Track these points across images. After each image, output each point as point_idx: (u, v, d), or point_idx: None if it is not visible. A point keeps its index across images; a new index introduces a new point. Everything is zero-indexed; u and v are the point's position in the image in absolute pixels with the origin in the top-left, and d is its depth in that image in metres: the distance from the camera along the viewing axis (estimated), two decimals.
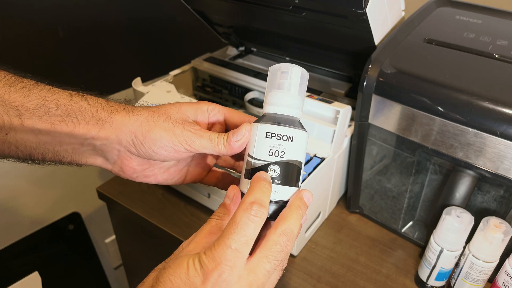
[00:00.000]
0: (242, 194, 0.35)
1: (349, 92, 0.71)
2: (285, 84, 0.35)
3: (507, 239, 0.46)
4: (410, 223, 0.62)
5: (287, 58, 0.82)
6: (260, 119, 0.36)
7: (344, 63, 0.73)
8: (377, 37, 0.58)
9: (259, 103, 0.77)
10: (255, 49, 0.86)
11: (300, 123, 0.36)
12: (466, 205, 0.51)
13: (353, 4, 0.51)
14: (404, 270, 0.58)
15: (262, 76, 0.75)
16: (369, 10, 0.52)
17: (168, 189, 0.71)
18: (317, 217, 0.63)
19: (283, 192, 0.34)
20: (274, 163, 0.34)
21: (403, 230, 0.62)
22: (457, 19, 0.60)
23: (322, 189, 0.60)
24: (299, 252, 0.60)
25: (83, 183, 0.99)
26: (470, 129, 0.47)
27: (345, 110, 0.55)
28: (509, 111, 0.44)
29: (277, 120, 0.35)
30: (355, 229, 0.65)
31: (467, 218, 0.49)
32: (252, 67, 0.79)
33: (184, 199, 0.69)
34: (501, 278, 0.48)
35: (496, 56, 0.51)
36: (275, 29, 0.72)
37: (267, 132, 0.34)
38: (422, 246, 0.61)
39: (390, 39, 0.56)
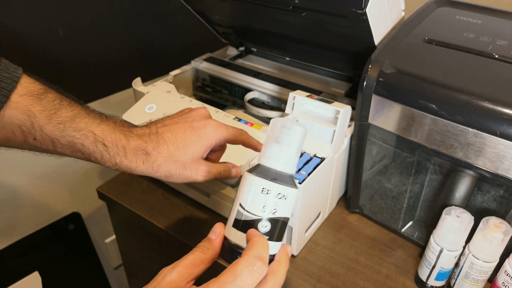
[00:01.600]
0: (226, 239, 0.36)
1: (349, 92, 0.71)
2: (286, 140, 0.36)
3: (507, 239, 0.46)
4: (410, 223, 0.63)
5: (287, 58, 0.82)
6: (255, 170, 0.36)
7: (344, 63, 0.73)
8: (377, 37, 0.58)
9: (259, 103, 0.77)
10: (255, 49, 0.86)
11: (292, 178, 0.37)
12: (466, 205, 0.51)
13: (353, 4, 0.51)
14: (404, 270, 0.58)
15: (262, 76, 0.75)
16: (369, 10, 0.52)
17: (168, 189, 0.71)
18: (317, 217, 0.63)
19: (271, 248, 0.35)
20: (267, 219, 0.35)
21: (403, 230, 0.62)
22: (457, 19, 0.60)
23: (322, 189, 0.60)
24: (299, 252, 0.60)
25: (83, 183, 0.99)
26: (470, 129, 0.47)
27: (345, 110, 0.55)
28: (509, 111, 0.44)
29: (273, 176, 0.35)
30: (355, 229, 0.65)
31: (467, 218, 0.49)
32: (252, 67, 0.80)
33: (184, 199, 0.69)
34: (501, 278, 0.48)
35: (496, 56, 0.51)
36: (275, 29, 0.72)
37: (263, 188, 0.34)
38: (422, 246, 0.61)
39: (390, 39, 0.56)
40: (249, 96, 0.76)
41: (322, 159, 0.56)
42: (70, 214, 0.99)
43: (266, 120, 0.67)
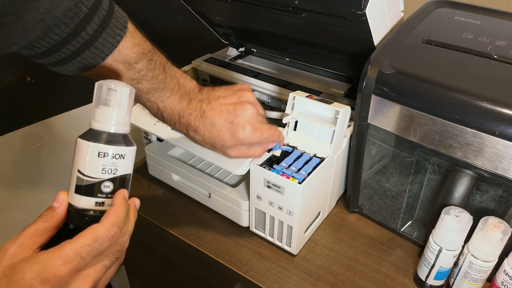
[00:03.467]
0: (70, 205, 0.36)
1: (349, 92, 0.71)
2: (114, 102, 0.36)
3: (506, 238, 0.47)
4: (409, 222, 0.63)
5: (287, 59, 0.82)
6: (88, 135, 0.36)
7: (343, 63, 0.73)
8: (376, 38, 0.58)
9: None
10: (255, 50, 0.87)
11: (128, 137, 0.38)
12: (465, 204, 0.51)
13: (352, 5, 0.52)
14: (403, 269, 0.58)
15: (262, 76, 0.75)
16: (369, 11, 0.52)
17: (169, 189, 0.72)
18: (317, 216, 0.63)
19: None
20: (108, 179, 0.36)
21: (402, 229, 0.63)
22: (456, 19, 0.60)
23: (322, 189, 0.60)
24: (299, 252, 0.61)
25: None
26: (469, 129, 0.47)
27: (344, 111, 0.56)
28: (507, 111, 0.44)
29: (108, 139, 0.36)
30: (355, 228, 0.65)
31: (466, 218, 0.49)
32: (252, 68, 0.80)
33: (184, 199, 0.70)
34: (500, 277, 0.48)
35: (495, 56, 0.51)
36: (275, 30, 0.72)
37: (99, 152, 0.35)
38: (421, 246, 0.61)
39: (389, 39, 0.57)
40: None
41: (322, 159, 0.56)
42: None
43: (266, 120, 0.68)
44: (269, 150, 0.55)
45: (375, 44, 0.58)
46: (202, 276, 0.70)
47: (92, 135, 0.36)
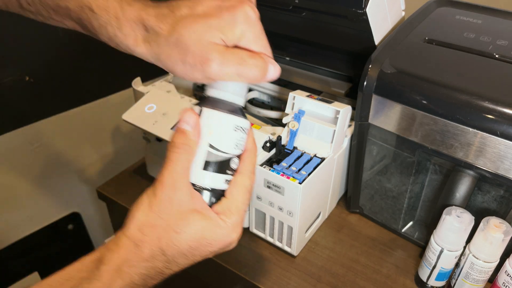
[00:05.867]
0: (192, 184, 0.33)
1: (349, 92, 0.71)
2: None
3: (507, 239, 0.46)
4: (410, 223, 0.62)
5: (287, 58, 0.82)
6: (217, 105, 0.32)
7: (344, 63, 0.73)
8: (377, 37, 0.58)
9: (259, 103, 0.77)
10: None
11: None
12: (466, 205, 0.51)
13: (353, 4, 0.51)
14: (404, 270, 0.58)
15: None
16: (369, 10, 0.52)
17: None
18: (317, 217, 0.63)
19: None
20: (237, 155, 0.34)
21: (403, 230, 0.62)
22: (457, 19, 0.60)
23: (322, 189, 0.60)
24: (299, 252, 0.60)
25: (83, 183, 0.99)
26: (470, 129, 0.47)
27: (345, 110, 0.55)
28: (509, 111, 0.44)
29: (241, 112, 0.34)
30: (355, 229, 0.65)
31: (467, 218, 0.49)
32: None
33: None
34: (501, 278, 0.48)
35: (496, 56, 0.51)
36: (275, 29, 0.72)
37: (236, 126, 0.33)
38: (422, 246, 0.61)
39: (390, 39, 0.56)
40: (249, 96, 0.76)
41: (322, 159, 0.55)
42: (70, 214, 0.99)
43: (266, 120, 0.67)
44: None
45: (376, 43, 0.58)
46: (202, 277, 0.70)
47: (223, 106, 0.32)
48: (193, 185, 0.33)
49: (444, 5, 0.63)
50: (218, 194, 0.34)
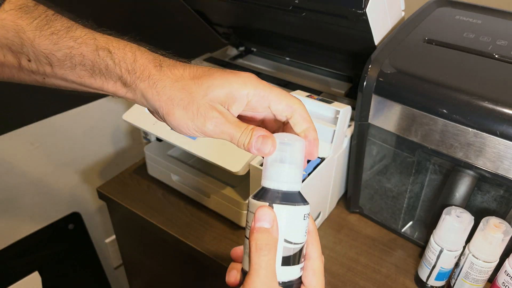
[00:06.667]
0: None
1: (349, 92, 0.71)
2: (297, 158, 0.33)
3: (507, 239, 0.46)
4: (410, 223, 0.62)
5: (287, 58, 0.82)
6: (280, 198, 0.32)
7: (344, 63, 0.73)
8: (377, 37, 0.58)
9: None
10: (255, 49, 0.86)
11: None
12: (466, 205, 0.51)
13: (353, 4, 0.51)
14: (404, 270, 0.58)
15: (262, 76, 0.75)
16: (369, 10, 0.52)
17: (168, 189, 0.71)
18: (317, 217, 0.63)
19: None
20: (305, 241, 0.33)
21: (403, 230, 0.62)
22: (457, 19, 0.60)
23: (322, 189, 0.60)
24: None
25: (83, 183, 0.99)
26: (470, 129, 0.47)
27: (345, 110, 0.55)
28: (509, 111, 0.44)
29: (301, 199, 0.33)
30: (355, 229, 0.65)
31: (467, 218, 0.49)
32: (252, 67, 0.80)
33: (184, 199, 0.69)
34: (501, 278, 0.48)
35: (496, 56, 0.51)
36: (275, 29, 0.72)
37: (305, 215, 0.32)
38: (422, 246, 0.61)
39: (390, 39, 0.56)
40: None
41: (322, 159, 0.55)
42: (70, 214, 0.99)
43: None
44: None
45: (376, 43, 0.58)
46: (202, 276, 0.70)
47: (288, 198, 0.32)
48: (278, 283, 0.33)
49: (444, 5, 0.63)
50: (298, 285, 0.33)
